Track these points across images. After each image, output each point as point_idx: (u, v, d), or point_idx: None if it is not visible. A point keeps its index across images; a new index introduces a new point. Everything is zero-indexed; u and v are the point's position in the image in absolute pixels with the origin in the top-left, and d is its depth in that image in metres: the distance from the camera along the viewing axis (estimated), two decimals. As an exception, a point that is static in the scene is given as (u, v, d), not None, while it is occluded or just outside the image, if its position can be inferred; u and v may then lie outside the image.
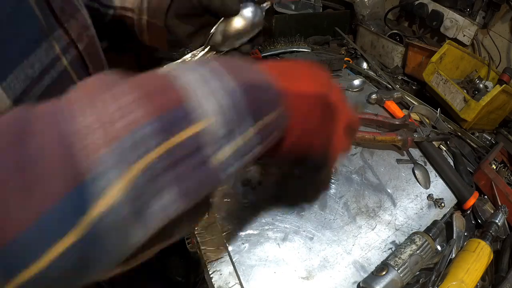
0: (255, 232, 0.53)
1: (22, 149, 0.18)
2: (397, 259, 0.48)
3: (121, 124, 0.19)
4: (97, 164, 0.18)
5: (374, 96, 0.84)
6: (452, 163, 0.71)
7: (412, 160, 0.70)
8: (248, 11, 0.50)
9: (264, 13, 0.53)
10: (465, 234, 0.58)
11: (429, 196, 0.64)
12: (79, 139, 0.18)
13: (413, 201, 0.63)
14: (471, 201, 0.62)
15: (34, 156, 0.17)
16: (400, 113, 0.81)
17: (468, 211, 0.62)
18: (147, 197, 0.19)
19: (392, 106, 0.83)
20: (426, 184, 0.66)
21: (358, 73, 0.97)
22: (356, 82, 0.88)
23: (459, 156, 0.73)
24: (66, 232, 0.17)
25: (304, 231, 0.54)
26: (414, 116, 0.82)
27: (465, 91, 0.83)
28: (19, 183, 0.17)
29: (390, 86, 0.92)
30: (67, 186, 0.17)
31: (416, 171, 0.67)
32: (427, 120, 0.82)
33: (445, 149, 0.76)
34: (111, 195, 0.18)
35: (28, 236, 0.17)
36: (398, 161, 0.70)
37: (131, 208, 0.19)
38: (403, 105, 0.87)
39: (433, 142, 0.74)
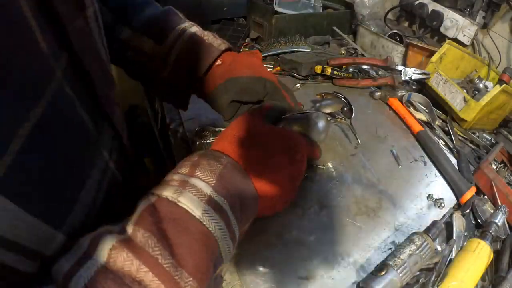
0: (255, 232, 0.53)
1: None
2: (396, 259, 0.48)
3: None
4: None
5: (378, 93, 0.85)
6: (454, 161, 0.72)
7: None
8: (316, 118, 0.49)
9: (330, 127, 0.53)
10: (465, 234, 0.58)
11: (429, 196, 0.64)
12: None
13: (413, 201, 0.63)
14: (467, 195, 0.62)
15: None
16: (403, 110, 0.82)
17: (468, 210, 0.62)
18: None
19: (396, 103, 0.83)
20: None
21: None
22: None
23: (463, 154, 0.73)
24: None
25: (304, 231, 0.54)
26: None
27: (465, 91, 0.83)
28: None
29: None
30: None
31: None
32: (421, 106, 0.87)
33: (450, 146, 0.76)
34: None
35: None
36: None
37: None
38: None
39: (435, 139, 0.75)
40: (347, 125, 0.67)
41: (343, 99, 0.67)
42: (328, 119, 0.53)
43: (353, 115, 0.65)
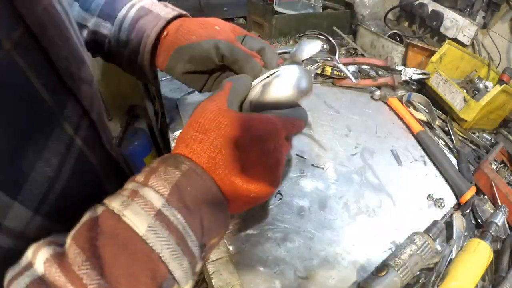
0: (255, 232, 0.53)
1: None
2: (397, 259, 0.48)
3: None
4: None
5: (378, 93, 0.85)
6: (454, 161, 0.72)
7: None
8: (291, 74, 0.40)
9: (312, 77, 0.43)
10: (465, 234, 0.58)
11: (429, 196, 0.64)
12: None
13: (413, 201, 0.63)
14: (467, 195, 0.62)
15: None
16: (403, 110, 0.82)
17: (468, 210, 0.62)
18: None
19: (396, 103, 0.83)
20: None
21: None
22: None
23: (463, 154, 0.73)
24: None
25: (304, 231, 0.54)
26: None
27: (465, 91, 0.83)
28: None
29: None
30: None
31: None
32: (421, 106, 0.88)
33: (450, 146, 0.76)
34: None
35: None
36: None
37: None
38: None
39: (435, 139, 0.75)
40: (334, 66, 0.53)
41: (320, 36, 0.56)
42: (308, 67, 0.43)
43: (337, 52, 0.53)
